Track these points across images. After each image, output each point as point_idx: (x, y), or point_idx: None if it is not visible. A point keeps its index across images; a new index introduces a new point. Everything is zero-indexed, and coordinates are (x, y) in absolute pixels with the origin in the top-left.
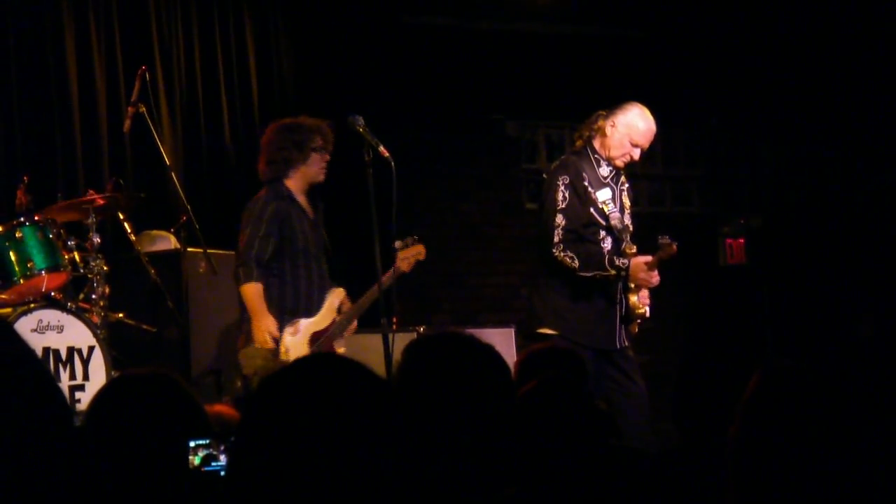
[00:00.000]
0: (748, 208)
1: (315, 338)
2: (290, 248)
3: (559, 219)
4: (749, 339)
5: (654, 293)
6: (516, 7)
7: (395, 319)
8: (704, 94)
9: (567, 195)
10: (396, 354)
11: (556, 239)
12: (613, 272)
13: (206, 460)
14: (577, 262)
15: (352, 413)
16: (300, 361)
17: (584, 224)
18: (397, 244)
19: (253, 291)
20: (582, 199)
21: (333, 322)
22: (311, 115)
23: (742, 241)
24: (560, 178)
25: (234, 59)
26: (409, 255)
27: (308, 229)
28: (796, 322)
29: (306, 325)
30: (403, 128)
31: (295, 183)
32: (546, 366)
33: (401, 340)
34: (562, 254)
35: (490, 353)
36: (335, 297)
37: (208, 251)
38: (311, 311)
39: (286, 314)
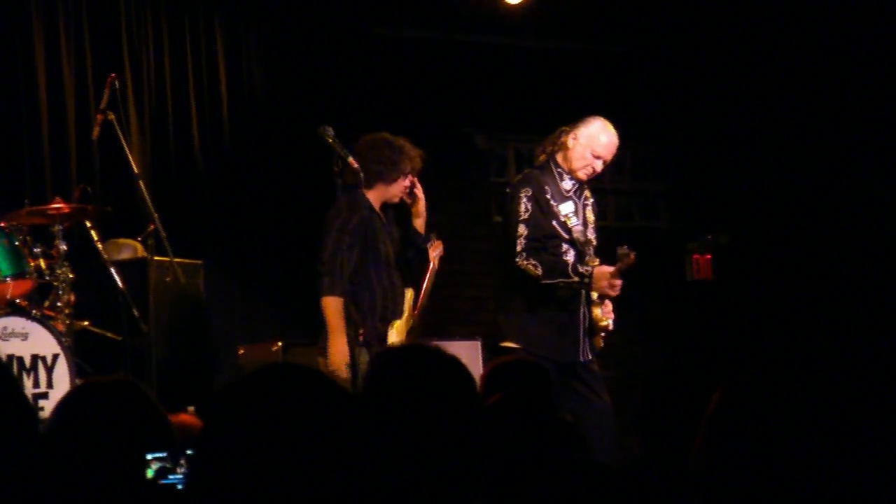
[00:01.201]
0: (715, 224)
1: (407, 335)
2: (374, 257)
3: (522, 229)
4: (715, 355)
5: (621, 307)
6: (487, 21)
7: (361, 332)
8: (674, 109)
9: (529, 207)
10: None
11: (518, 248)
12: (577, 279)
13: (161, 473)
14: (540, 269)
15: (313, 424)
16: (260, 371)
17: (547, 236)
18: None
19: (335, 305)
20: (544, 211)
21: (413, 320)
22: (281, 125)
23: (709, 257)
24: (522, 191)
25: (205, 68)
26: (438, 253)
27: (386, 239)
28: (762, 338)
29: (399, 325)
30: None
31: (375, 195)
32: (512, 379)
33: (365, 352)
34: (525, 262)
35: (456, 365)
36: (408, 298)
37: (175, 260)
38: (398, 313)
39: (377, 320)
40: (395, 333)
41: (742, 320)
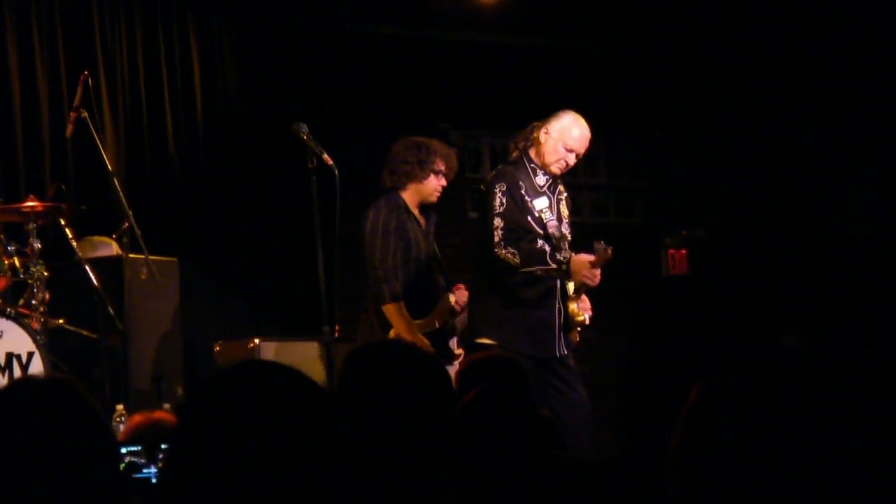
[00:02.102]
0: (691, 220)
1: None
2: (404, 257)
3: (497, 221)
4: (691, 350)
5: (597, 303)
6: (461, 17)
7: (337, 328)
8: (649, 105)
9: (504, 201)
10: (338, 363)
11: (496, 238)
12: (555, 266)
13: (132, 468)
14: (518, 257)
15: (288, 420)
16: (235, 368)
17: (521, 231)
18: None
19: (399, 310)
20: (519, 206)
21: (446, 324)
22: (255, 122)
23: (684, 252)
24: (497, 186)
25: (178, 65)
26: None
27: (421, 238)
28: (737, 333)
29: (418, 325)
30: (347, 136)
31: (409, 196)
32: (487, 375)
33: (342, 349)
34: (504, 251)
35: (430, 361)
36: (446, 302)
37: (150, 258)
38: (422, 315)
39: None
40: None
41: (718, 315)
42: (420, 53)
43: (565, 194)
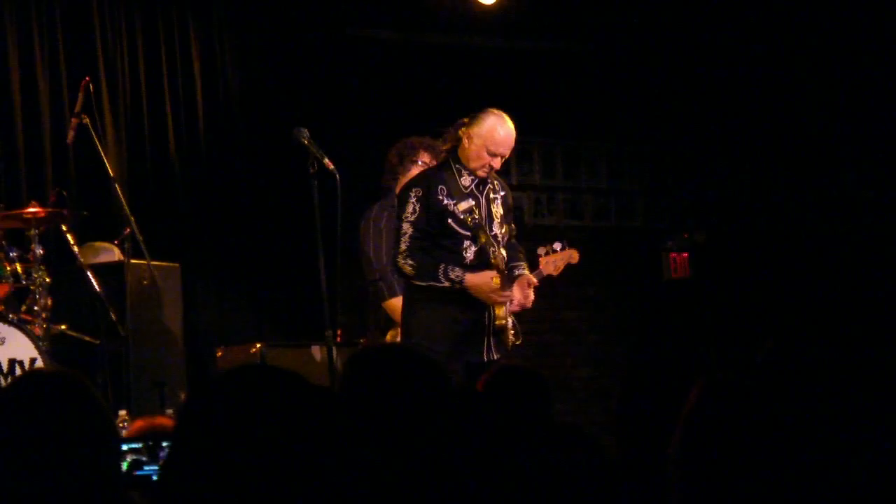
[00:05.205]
0: (692, 223)
1: None
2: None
3: (405, 227)
4: (692, 353)
5: (598, 306)
6: (461, 21)
7: (339, 332)
8: (650, 108)
9: (417, 208)
10: (340, 367)
11: (402, 247)
12: (447, 284)
13: (135, 465)
14: (414, 270)
15: (286, 422)
16: (235, 371)
17: (443, 235)
18: (541, 250)
19: (396, 304)
20: (435, 210)
21: None
22: (256, 127)
23: (686, 255)
24: (413, 191)
25: (179, 70)
26: (556, 259)
27: None
28: (739, 336)
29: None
30: (348, 140)
31: None
32: (513, 383)
33: (344, 354)
34: (403, 261)
35: (431, 365)
36: None
37: (152, 263)
38: None
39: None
40: (395, 337)
41: (720, 318)
42: (419, 57)
43: (502, 193)
